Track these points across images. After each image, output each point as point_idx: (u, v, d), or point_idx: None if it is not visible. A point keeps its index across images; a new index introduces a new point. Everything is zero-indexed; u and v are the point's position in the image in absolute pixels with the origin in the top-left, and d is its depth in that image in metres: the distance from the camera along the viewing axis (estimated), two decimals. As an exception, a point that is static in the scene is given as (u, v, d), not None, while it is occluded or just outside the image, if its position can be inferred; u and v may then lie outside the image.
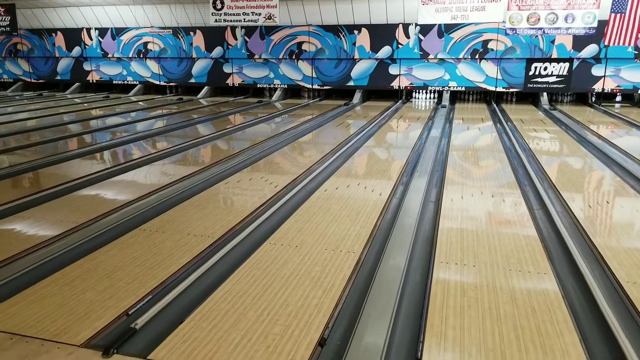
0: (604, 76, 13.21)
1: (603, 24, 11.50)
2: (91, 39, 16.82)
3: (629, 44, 11.50)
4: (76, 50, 17.11)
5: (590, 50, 13.01)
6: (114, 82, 17.22)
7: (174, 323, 2.82)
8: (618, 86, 13.22)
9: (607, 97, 13.96)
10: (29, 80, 18.10)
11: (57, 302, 3.03)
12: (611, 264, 3.54)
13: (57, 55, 17.39)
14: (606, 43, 11.63)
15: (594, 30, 11.79)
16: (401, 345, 2.68)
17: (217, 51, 15.69)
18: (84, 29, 16.77)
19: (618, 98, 14.25)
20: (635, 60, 12.90)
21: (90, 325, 2.79)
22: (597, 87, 13.32)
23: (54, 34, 17.16)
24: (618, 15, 11.17)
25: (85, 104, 14.21)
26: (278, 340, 2.63)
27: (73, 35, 16.96)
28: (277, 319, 2.83)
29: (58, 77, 17.71)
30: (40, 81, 18.01)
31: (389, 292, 3.17)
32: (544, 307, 2.97)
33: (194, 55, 15.95)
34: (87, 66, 17.28)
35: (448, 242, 3.96)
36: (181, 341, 2.65)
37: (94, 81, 17.38)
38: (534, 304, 3.01)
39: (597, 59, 13.14)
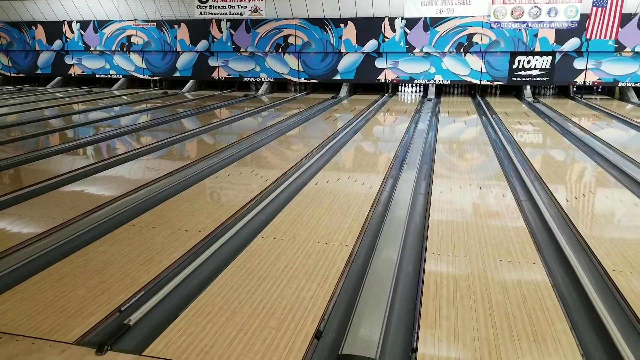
0: (586, 69, 13.40)
1: (585, 18, 11.67)
2: (72, 32, 16.51)
3: (610, 38, 11.70)
4: (57, 44, 16.79)
5: (572, 43, 13.17)
6: (97, 76, 16.94)
7: (168, 318, 2.81)
8: (599, 79, 13.42)
9: (586, 90, 14.17)
10: (8, 74, 17.71)
11: (47, 299, 2.99)
12: (597, 253, 3.61)
13: (37, 48, 17.04)
14: (588, 36, 11.81)
15: (576, 24, 11.95)
16: (396, 336, 2.70)
17: (202, 44, 15.52)
18: (65, 22, 16.45)
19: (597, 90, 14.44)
20: (616, 53, 13.10)
21: (82, 322, 2.76)
22: (579, 80, 13.51)
23: (33, 27, 16.81)
24: (599, 9, 11.35)
25: (67, 99, 13.98)
26: (274, 334, 2.64)
27: (54, 28, 16.63)
28: (273, 312, 2.84)
29: (39, 71, 17.36)
30: (20, 75, 17.64)
31: (383, 284, 3.19)
32: (535, 296, 3.03)
33: (179, 49, 15.77)
34: (68, 60, 16.97)
35: (439, 234, 4.01)
36: (176, 336, 2.64)
37: (76, 75, 17.09)
38: (525, 293, 3.06)
39: (579, 52, 13.31)
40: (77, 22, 16.37)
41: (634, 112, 11.21)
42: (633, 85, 13.29)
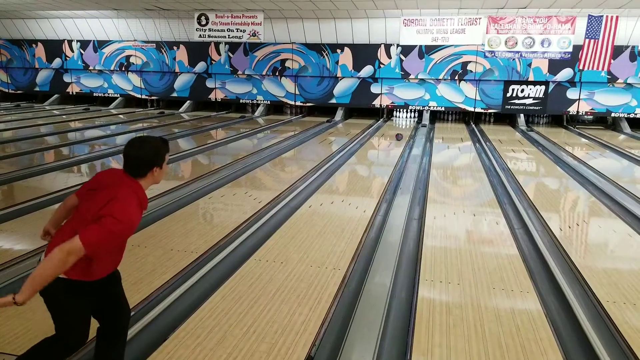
0: (579, 99, 13.60)
1: (578, 49, 11.89)
2: (72, 51, 16.64)
3: (603, 69, 11.90)
4: (56, 62, 16.89)
5: (565, 74, 13.40)
6: (95, 94, 17.02)
7: (157, 340, 2.77)
8: (592, 109, 13.62)
9: (580, 120, 14.36)
10: (6, 90, 17.76)
11: (37, 317, 2.94)
12: (591, 283, 3.61)
13: (36, 66, 17.13)
14: (581, 67, 12.02)
15: (569, 55, 12.17)
16: (388, 363, 2.67)
17: (201, 66, 15.67)
18: (65, 41, 16.59)
19: (586, 117, 14.54)
20: (609, 84, 13.33)
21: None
22: (572, 109, 13.70)
23: (34, 45, 16.93)
24: (592, 40, 11.57)
25: (64, 116, 14.00)
26: (265, 359, 2.60)
27: (54, 47, 16.75)
28: (264, 336, 2.81)
29: (37, 89, 17.42)
30: (19, 92, 17.69)
31: (376, 310, 3.16)
32: (528, 325, 3.01)
33: (177, 70, 15.90)
34: (67, 78, 17.06)
35: (432, 260, 3.99)
36: (165, 359, 2.59)
37: (74, 93, 17.16)
38: (518, 322, 3.04)
39: (572, 83, 13.53)
40: (77, 41, 16.51)
41: (627, 142, 11.34)
42: (626, 116, 13.49)
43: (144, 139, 2.21)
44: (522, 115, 14.22)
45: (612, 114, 13.64)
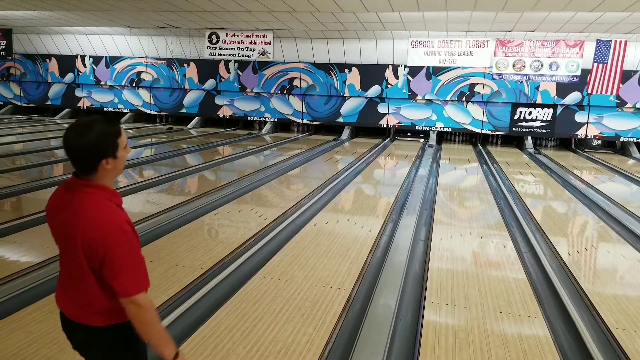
0: (587, 123, 13.58)
1: (586, 73, 11.92)
2: (85, 66, 16.89)
3: (611, 93, 11.90)
4: (69, 77, 17.14)
5: (573, 97, 13.41)
6: (105, 109, 17.20)
7: (159, 357, 2.74)
8: (600, 133, 13.59)
9: (588, 144, 14.32)
10: (19, 104, 18.00)
11: (41, 330, 2.93)
12: (600, 310, 3.55)
13: (49, 80, 17.38)
14: (589, 91, 12.03)
15: (577, 79, 12.20)
16: (393, 386, 2.63)
17: (210, 83, 15.84)
18: (79, 56, 16.86)
19: (595, 142, 14.50)
20: (617, 108, 13.32)
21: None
22: (580, 133, 13.68)
23: (47, 60, 17.21)
24: (600, 65, 11.60)
25: (74, 130, 14.11)
26: (268, 378, 2.57)
27: (67, 62, 17.02)
28: (267, 355, 2.78)
29: (49, 102, 17.65)
30: (31, 105, 17.93)
31: (381, 331, 3.13)
32: (535, 351, 2.96)
33: (187, 86, 16.08)
34: (78, 92, 17.28)
35: (438, 282, 3.96)
36: (167, 376, 2.56)
37: (85, 107, 17.36)
38: (525, 347, 2.99)
39: (580, 106, 13.53)
40: (90, 56, 16.77)
41: (636, 167, 11.28)
42: (635, 140, 13.44)
43: (86, 123, 1.64)
44: (529, 137, 14.20)
45: (621, 139, 13.60)
